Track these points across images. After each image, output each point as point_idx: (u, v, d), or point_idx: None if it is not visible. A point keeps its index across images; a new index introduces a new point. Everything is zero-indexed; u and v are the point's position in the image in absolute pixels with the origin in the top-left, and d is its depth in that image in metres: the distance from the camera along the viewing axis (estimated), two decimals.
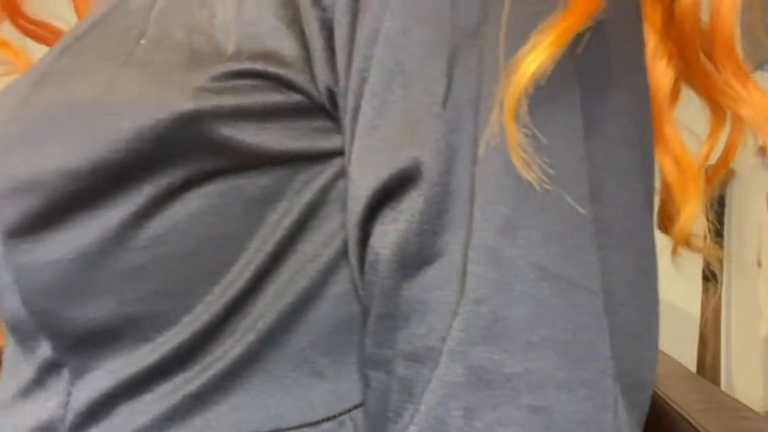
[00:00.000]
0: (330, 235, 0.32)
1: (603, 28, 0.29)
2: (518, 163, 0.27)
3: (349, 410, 0.33)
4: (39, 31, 0.51)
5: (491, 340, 0.26)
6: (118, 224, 0.31)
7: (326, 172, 0.32)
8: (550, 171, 0.27)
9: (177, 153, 0.30)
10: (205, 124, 0.30)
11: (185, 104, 0.29)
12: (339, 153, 0.32)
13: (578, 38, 0.27)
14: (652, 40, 0.34)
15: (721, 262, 0.39)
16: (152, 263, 0.31)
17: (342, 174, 0.32)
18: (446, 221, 0.28)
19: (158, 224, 0.31)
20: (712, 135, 0.37)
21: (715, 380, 1.60)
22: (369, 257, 0.29)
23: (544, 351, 0.26)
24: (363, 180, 0.29)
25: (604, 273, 0.28)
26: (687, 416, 0.82)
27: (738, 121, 0.35)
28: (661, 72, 0.34)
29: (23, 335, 0.35)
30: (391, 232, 0.28)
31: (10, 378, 0.37)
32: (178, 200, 0.31)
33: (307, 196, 0.32)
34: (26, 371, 0.35)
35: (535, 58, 0.26)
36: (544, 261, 0.27)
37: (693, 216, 0.34)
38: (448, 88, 0.28)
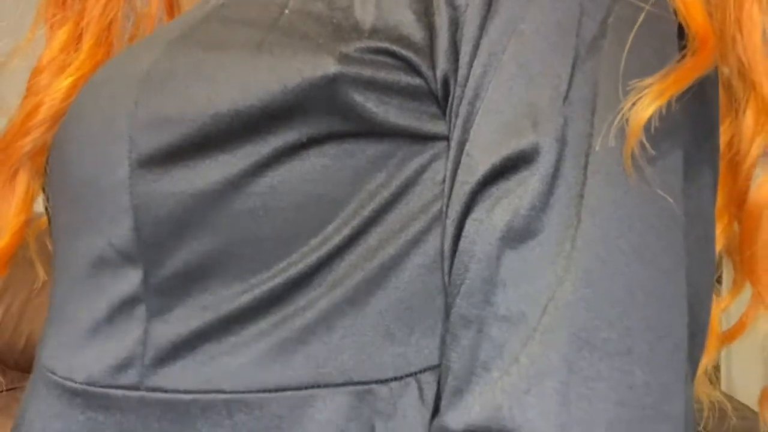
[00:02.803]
0: (418, 210, 0.35)
1: (703, 85, 0.35)
2: (627, 162, 0.32)
3: (415, 373, 0.35)
4: None
5: (594, 307, 0.31)
6: (240, 170, 0.34)
7: (425, 153, 0.35)
8: (653, 172, 0.32)
9: (311, 111, 0.34)
10: (342, 88, 0.33)
11: (332, 67, 0.33)
12: (439, 138, 0.35)
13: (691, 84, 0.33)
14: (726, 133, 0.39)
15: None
16: (262, 209, 0.34)
17: (437, 157, 0.35)
18: (552, 202, 0.32)
19: (275, 175, 0.34)
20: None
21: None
22: (472, 226, 0.33)
23: (635, 323, 0.31)
24: (483, 155, 0.33)
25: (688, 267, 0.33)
26: None
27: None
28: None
29: (108, 267, 0.37)
30: (502, 205, 0.32)
31: (66, 324, 0.39)
32: (297, 156, 0.34)
33: (405, 171, 0.35)
34: (92, 312, 0.37)
35: (667, 88, 0.32)
36: (642, 247, 0.31)
37: None
38: (569, 88, 0.32)
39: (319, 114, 0.34)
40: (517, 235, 0.32)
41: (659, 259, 0.32)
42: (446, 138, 0.35)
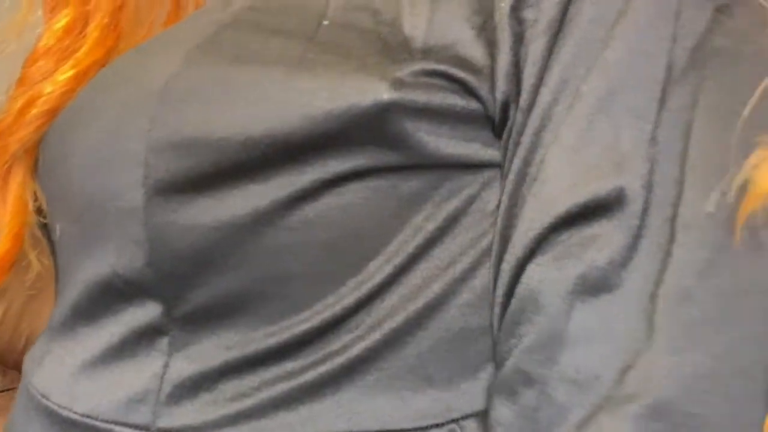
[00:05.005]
0: (467, 245, 0.32)
1: None
2: (738, 226, 0.28)
3: (457, 420, 0.32)
4: None
5: (679, 378, 0.27)
6: (272, 202, 0.30)
7: (475, 182, 0.32)
8: (756, 238, 0.28)
9: (356, 140, 0.30)
10: (395, 116, 0.30)
11: (385, 94, 0.29)
12: (490, 165, 0.32)
13: None
14: None
15: None
16: (296, 246, 0.31)
17: (487, 186, 0.32)
18: (634, 255, 0.28)
19: (311, 209, 0.30)
20: None
21: None
22: (536, 273, 0.29)
23: (717, 395, 0.28)
24: (556, 197, 0.29)
25: None
26: None
27: None
28: None
29: (116, 295, 0.34)
30: (575, 255, 0.29)
31: (66, 346, 0.36)
32: (336, 189, 0.30)
33: (453, 203, 0.32)
34: (101, 339, 0.34)
35: None
36: (732, 315, 0.28)
37: None
38: (655, 127, 0.29)
39: (364, 144, 0.30)
40: (591, 289, 0.28)
41: (749, 330, 0.28)
42: (497, 165, 0.32)
